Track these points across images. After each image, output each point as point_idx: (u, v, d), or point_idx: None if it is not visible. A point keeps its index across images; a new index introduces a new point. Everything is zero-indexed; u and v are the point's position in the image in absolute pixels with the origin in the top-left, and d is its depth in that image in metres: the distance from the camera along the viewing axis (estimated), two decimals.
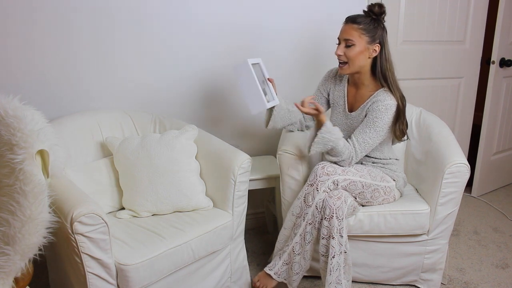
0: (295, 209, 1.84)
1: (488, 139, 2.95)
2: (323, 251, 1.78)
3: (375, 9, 1.80)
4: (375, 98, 1.85)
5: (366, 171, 1.87)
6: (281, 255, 1.86)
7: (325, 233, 1.76)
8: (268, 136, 2.46)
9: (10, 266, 1.23)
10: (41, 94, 2.02)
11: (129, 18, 2.09)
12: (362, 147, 1.83)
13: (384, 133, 1.84)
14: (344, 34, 1.81)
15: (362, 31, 1.78)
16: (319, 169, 1.79)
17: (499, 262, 2.27)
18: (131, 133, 2.06)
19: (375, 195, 1.88)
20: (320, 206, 1.77)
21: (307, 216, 1.79)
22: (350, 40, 1.79)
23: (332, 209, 1.73)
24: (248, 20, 2.30)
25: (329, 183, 1.77)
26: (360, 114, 1.90)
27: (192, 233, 1.68)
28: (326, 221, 1.74)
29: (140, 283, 1.53)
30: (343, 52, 1.81)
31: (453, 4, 2.68)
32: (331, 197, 1.75)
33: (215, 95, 2.36)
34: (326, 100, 2.08)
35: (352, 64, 1.83)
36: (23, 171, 1.20)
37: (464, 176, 1.84)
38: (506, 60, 2.79)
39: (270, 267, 1.88)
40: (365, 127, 1.83)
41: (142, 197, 1.81)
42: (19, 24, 1.92)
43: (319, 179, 1.77)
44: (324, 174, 1.78)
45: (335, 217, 1.72)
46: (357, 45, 1.79)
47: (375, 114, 1.81)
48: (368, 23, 1.79)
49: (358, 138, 1.83)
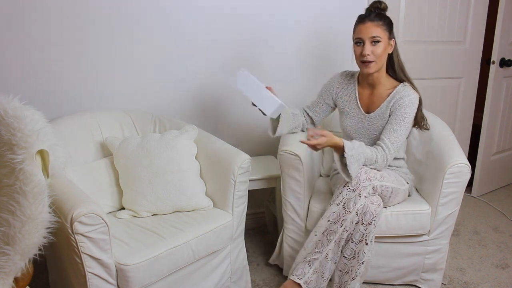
0: (331, 215, 1.75)
1: (488, 139, 2.95)
2: (347, 253, 1.76)
3: (382, 5, 1.81)
4: (398, 95, 1.84)
5: (393, 175, 1.86)
6: (311, 263, 1.78)
7: (357, 238, 1.73)
8: (268, 136, 2.45)
9: (10, 266, 1.23)
10: (41, 94, 2.01)
11: (130, 20, 2.09)
12: (395, 146, 1.81)
13: (410, 127, 1.86)
14: (370, 32, 1.78)
15: (384, 27, 1.79)
16: (363, 174, 1.72)
17: (499, 262, 2.27)
18: (131, 133, 2.06)
19: (395, 199, 1.87)
20: (360, 211, 1.72)
21: (345, 222, 1.72)
22: (377, 37, 1.77)
23: (373, 215, 1.70)
24: (249, 21, 2.30)
25: (370, 188, 1.73)
26: (383, 114, 1.87)
27: (192, 233, 1.68)
28: (362, 226, 1.71)
29: (140, 283, 1.52)
30: (371, 50, 1.79)
31: (453, 4, 2.67)
32: (372, 203, 1.71)
33: (215, 95, 2.36)
34: (328, 106, 2.06)
35: (380, 61, 1.82)
36: (23, 171, 1.20)
37: (465, 176, 1.84)
38: (506, 60, 2.79)
39: (299, 276, 1.79)
40: (394, 125, 1.81)
41: (142, 197, 1.81)
42: (19, 24, 1.92)
43: (362, 185, 1.71)
44: (367, 180, 1.72)
45: (373, 223, 1.71)
46: (382, 42, 1.79)
47: (403, 110, 1.80)
48: (384, 19, 1.80)
49: (390, 138, 1.80)
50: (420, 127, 1.92)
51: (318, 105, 2.07)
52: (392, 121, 1.82)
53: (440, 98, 2.83)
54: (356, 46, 1.83)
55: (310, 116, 2.09)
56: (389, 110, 1.86)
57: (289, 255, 2.05)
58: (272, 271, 2.17)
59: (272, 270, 2.18)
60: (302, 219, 1.97)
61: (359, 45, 1.81)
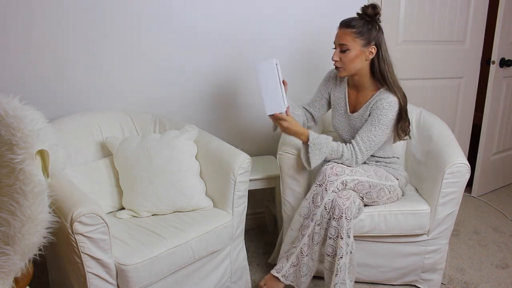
0: (302, 210, 1.83)
1: (488, 139, 2.95)
2: (329, 251, 1.78)
3: (369, 11, 1.78)
4: (377, 97, 1.86)
5: (372, 170, 1.88)
6: (289, 257, 1.85)
7: (332, 233, 1.75)
8: (268, 136, 2.46)
9: (10, 266, 1.23)
10: (41, 94, 2.02)
11: (130, 19, 2.09)
12: (367, 145, 1.83)
13: (388, 130, 1.85)
14: (339, 39, 1.81)
15: (356, 35, 1.78)
16: (328, 170, 1.78)
17: (499, 262, 2.27)
18: (131, 133, 2.06)
19: (380, 195, 1.88)
20: (329, 206, 1.76)
21: (315, 216, 1.78)
22: (344, 45, 1.79)
23: (342, 209, 1.72)
24: (249, 21, 2.30)
25: (337, 183, 1.76)
26: (363, 114, 1.90)
27: (192, 233, 1.68)
28: (334, 221, 1.74)
29: (140, 283, 1.53)
30: (339, 57, 1.82)
31: (453, 4, 2.67)
32: (341, 197, 1.74)
33: (215, 95, 2.36)
34: (327, 101, 2.08)
35: (348, 68, 1.83)
36: (23, 171, 1.20)
37: (465, 176, 1.84)
38: (506, 60, 2.79)
39: (277, 269, 1.86)
40: (369, 125, 1.84)
41: (142, 197, 1.81)
42: (19, 24, 1.92)
43: (328, 179, 1.76)
44: (333, 175, 1.77)
45: (344, 217, 1.72)
46: (352, 50, 1.79)
47: (379, 112, 1.82)
48: (361, 26, 1.78)
49: (362, 137, 1.83)
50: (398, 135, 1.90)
51: (317, 99, 2.09)
52: (368, 121, 1.85)
53: (440, 98, 2.83)
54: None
55: (310, 113, 2.11)
56: (368, 111, 1.88)
57: None
58: None
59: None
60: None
61: (334, 49, 1.85)
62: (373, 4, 1.80)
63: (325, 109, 2.11)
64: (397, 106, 1.83)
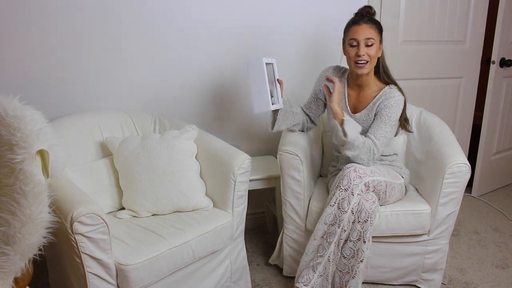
0: (328, 217, 1.76)
1: (488, 139, 2.95)
2: (347, 253, 1.77)
3: (372, 11, 1.85)
4: (384, 97, 1.88)
5: (384, 170, 1.88)
6: (315, 268, 1.80)
7: (354, 236, 1.74)
8: (269, 136, 2.46)
9: (10, 266, 1.23)
10: (41, 94, 2.02)
11: (131, 19, 2.09)
12: (381, 142, 1.84)
13: (396, 127, 1.90)
14: (364, 33, 1.81)
15: (378, 30, 1.83)
16: (352, 173, 1.74)
17: (499, 262, 2.27)
18: (131, 133, 2.06)
19: (392, 194, 1.88)
20: (356, 210, 1.73)
21: (342, 222, 1.73)
22: (371, 39, 1.81)
23: (368, 213, 1.71)
24: (250, 22, 2.30)
25: (361, 186, 1.73)
26: (369, 114, 1.91)
27: (192, 233, 1.68)
28: (359, 225, 1.72)
29: (140, 283, 1.52)
30: (365, 51, 1.82)
31: (453, 4, 2.68)
32: (367, 200, 1.73)
33: (215, 95, 2.36)
34: (322, 102, 2.08)
35: (373, 62, 1.86)
36: (23, 171, 1.20)
37: (465, 176, 1.84)
38: (506, 60, 2.79)
39: (305, 282, 1.80)
40: (380, 123, 1.84)
41: (142, 197, 1.81)
42: (19, 24, 1.92)
43: (353, 183, 1.73)
44: (357, 177, 1.73)
45: (369, 221, 1.71)
46: (375, 44, 1.83)
47: (388, 110, 1.84)
48: (376, 23, 1.84)
49: (376, 135, 1.83)
50: (405, 129, 1.98)
51: (313, 101, 2.09)
52: (378, 119, 1.86)
53: (440, 98, 2.83)
54: (349, 47, 1.84)
55: (307, 115, 2.11)
56: (374, 111, 1.89)
57: (289, 255, 2.05)
58: (272, 271, 2.17)
59: (272, 270, 2.18)
60: (302, 219, 1.98)
61: (353, 46, 1.83)
62: (368, 5, 1.87)
63: (322, 110, 2.11)
64: (403, 104, 1.88)
